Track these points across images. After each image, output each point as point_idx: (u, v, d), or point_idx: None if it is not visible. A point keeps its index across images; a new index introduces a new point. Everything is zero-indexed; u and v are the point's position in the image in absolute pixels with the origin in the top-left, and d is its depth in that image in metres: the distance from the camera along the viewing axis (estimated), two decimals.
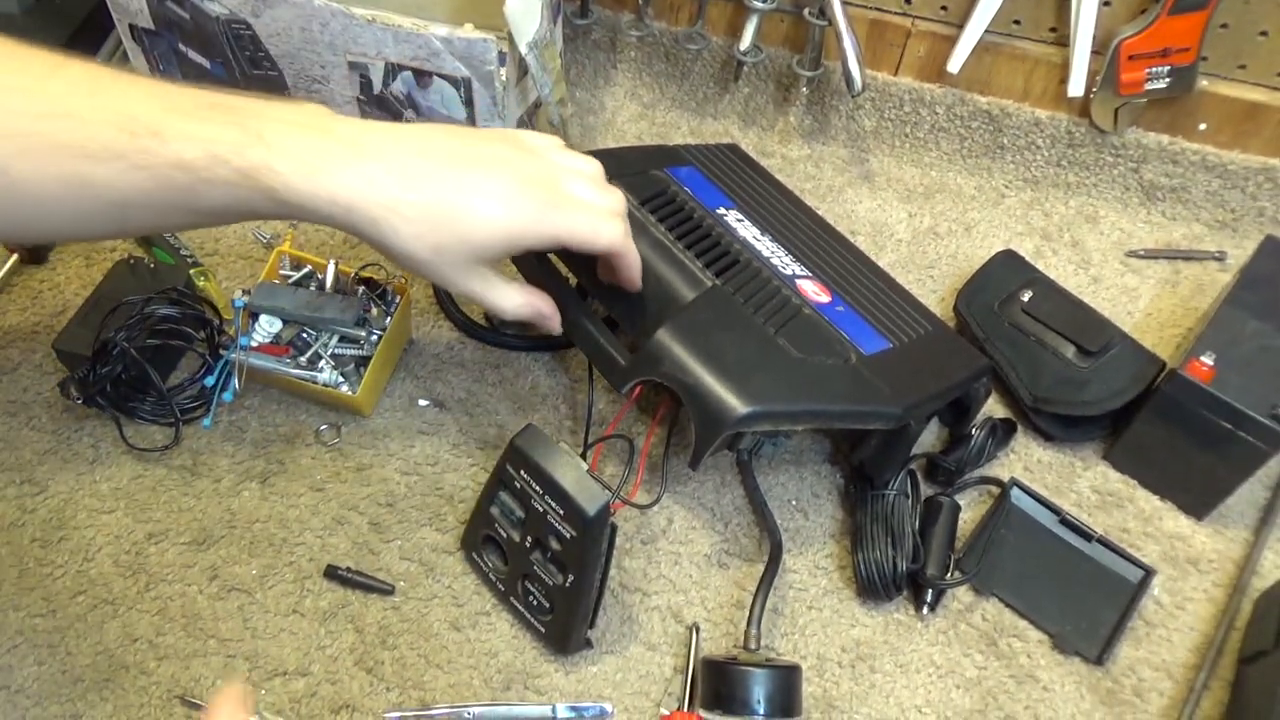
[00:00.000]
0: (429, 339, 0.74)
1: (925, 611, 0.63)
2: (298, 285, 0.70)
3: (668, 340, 0.55)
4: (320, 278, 0.71)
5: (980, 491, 0.70)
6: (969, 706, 0.60)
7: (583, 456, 0.58)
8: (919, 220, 0.87)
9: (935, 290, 0.82)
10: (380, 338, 0.68)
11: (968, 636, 0.63)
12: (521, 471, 0.55)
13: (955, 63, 0.83)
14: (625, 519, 0.66)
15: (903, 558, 0.62)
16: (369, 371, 0.67)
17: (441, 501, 0.66)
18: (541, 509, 0.55)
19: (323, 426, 0.69)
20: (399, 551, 0.64)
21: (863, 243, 0.82)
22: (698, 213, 0.66)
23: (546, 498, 0.55)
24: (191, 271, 0.71)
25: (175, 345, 0.68)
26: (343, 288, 0.70)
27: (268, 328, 0.67)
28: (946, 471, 0.68)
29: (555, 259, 0.62)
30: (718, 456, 0.69)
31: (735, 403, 0.53)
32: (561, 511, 0.54)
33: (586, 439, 0.67)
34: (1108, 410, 0.68)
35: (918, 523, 0.65)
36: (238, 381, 0.65)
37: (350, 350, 0.68)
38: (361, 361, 0.68)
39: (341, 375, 0.67)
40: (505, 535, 0.58)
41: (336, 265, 0.70)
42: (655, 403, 0.66)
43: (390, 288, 0.70)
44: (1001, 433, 0.69)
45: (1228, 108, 0.82)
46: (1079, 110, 0.85)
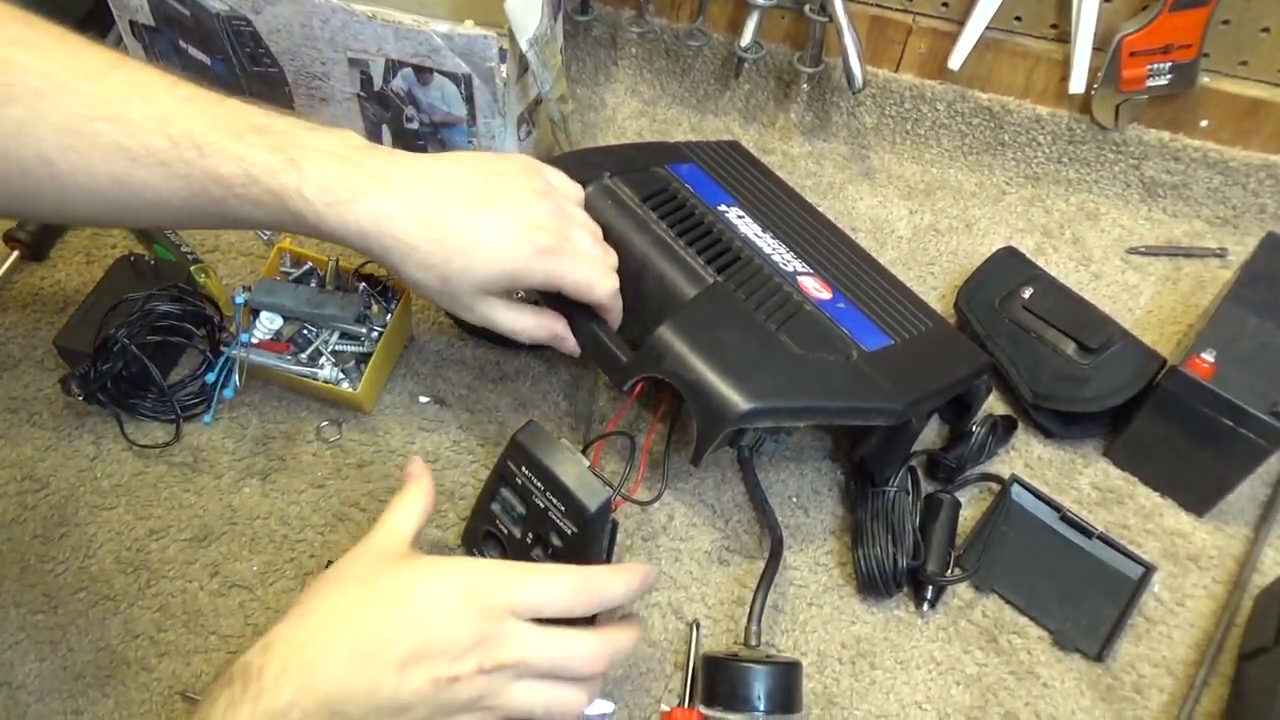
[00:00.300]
0: (429, 336, 0.74)
1: (925, 608, 0.63)
2: (298, 282, 0.70)
3: (669, 337, 0.55)
4: (321, 274, 0.71)
5: (981, 488, 0.70)
6: (969, 703, 0.60)
7: (584, 453, 0.58)
8: (920, 217, 0.87)
9: (936, 287, 0.82)
10: (381, 335, 0.68)
11: (968, 633, 0.63)
12: (523, 468, 0.55)
13: (956, 59, 0.83)
14: (626, 515, 0.66)
15: (903, 554, 0.62)
16: (369, 368, 0.67)
17: (442, 498, 0.66)
18: (542, 505, 0.55)
19: (323, 423, 0.69)
20: None
21: (863, 239, 0.82)
22: (699, 209, 0.66)
23: (548, 494, 0.55)
24: (192, 268, 0.71)
25: (176, 342, 0.68)
26: (343, 285, 0.70)
27: (268, 324, 0.67)
28: (947, 468, 0.68)
29: None
30: (718, 453, 0.69)
31: (737, 399, 0.53)
32: (563, 508, 0.54)
33: (587, 436, 0.67)
34: (1108, 407, 0.68)
35: (918, 519, 0.65)
36: (238, 378, 0.65)
37: (351, 347, 0.68)
38: (362, 358, 0.68)
39: (342, 372, 0.67)
40: (506, 531, 0.58)
41: (337, 262, 0.70)
42: (656, 399, 0.66)
43: (391, 285, 0.71)
44: (1002, 430, 0.69)
45: (1229, 104, 0.82)
46: (1080, 107, 0.85)
